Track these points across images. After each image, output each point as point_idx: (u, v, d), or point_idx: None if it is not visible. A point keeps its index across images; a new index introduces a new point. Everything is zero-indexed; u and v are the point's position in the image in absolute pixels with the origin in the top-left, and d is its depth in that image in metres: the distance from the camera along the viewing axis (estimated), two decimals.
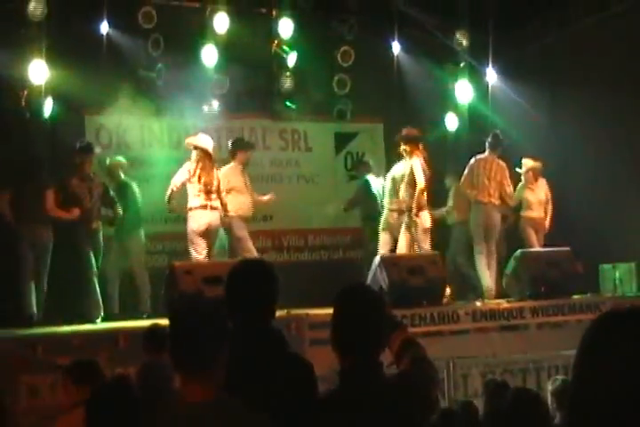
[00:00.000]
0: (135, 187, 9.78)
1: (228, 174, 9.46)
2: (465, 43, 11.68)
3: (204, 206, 8.71)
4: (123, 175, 9.81)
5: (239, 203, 9.49)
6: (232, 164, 9.68)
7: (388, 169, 12.16)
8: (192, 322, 2.58)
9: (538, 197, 10.59)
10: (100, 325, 8.20)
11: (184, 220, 8.96)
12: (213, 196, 8.77)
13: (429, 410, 3.10)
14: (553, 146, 11.14)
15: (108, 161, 9.86)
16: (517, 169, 10.57)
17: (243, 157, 9.74)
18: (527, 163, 10.65)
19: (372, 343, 2.89)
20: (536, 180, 10.66)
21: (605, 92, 10.81)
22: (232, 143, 9.87)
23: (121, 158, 9.92)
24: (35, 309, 8.30)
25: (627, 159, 10.69)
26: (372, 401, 2.84)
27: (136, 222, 9.65)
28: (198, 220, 8.69)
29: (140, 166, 10.60)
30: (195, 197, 8.73)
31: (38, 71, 9.15)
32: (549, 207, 10.65)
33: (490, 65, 11.82)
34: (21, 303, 8.27)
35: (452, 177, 10.95)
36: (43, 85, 9.22)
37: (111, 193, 9.17)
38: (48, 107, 9.31)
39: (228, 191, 9.30)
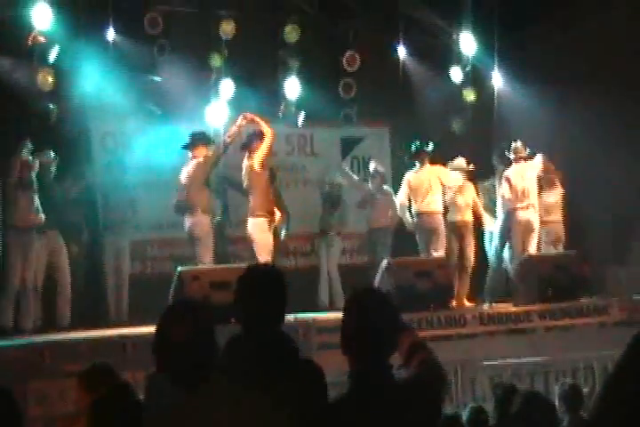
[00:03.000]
0: None
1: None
2: (470, 46, 11.68)
3: None
4: None
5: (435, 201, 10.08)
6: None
7: (394, 174, 12.21)
8: (184, 336, 2.55)
9: (465, 200, 10.50)
10: (108, 331, 8.20)
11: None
12: None
13: (439, 413, 3.10)
14: (561, 147, 11.11)
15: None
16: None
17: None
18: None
19: (381, 346, 2.91)
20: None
21: (613, 92, 10.79)
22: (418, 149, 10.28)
23: None
24: None
25: (635, 158, 10.66)
26: (383, 403, 2.85)
27: None
28: None
29: (145, 172, 10.63)
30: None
31: (45, 77, 9.16)
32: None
33: (495, 67, 11.81)
34: None
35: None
36: (49, 91, 9.25)
37: None
38: (54, 113, 9.33)
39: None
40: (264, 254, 8.80)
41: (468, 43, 11.60)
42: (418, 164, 10.29)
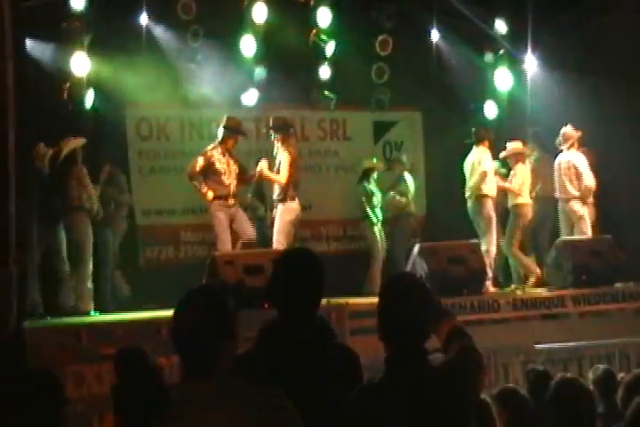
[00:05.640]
0: None
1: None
2: (504, 30, 11.59)
3: None
4: None
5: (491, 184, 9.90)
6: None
7: (426, 159, 12.18)
8: (189, 322, 2.55)
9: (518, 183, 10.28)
10: (143, 314, 8.28)
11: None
12: None
13: (474, 400, 3.11)
14: (596, 135, 10.99)
15: None
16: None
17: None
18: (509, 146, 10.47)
19: (416, 331, 2.93)
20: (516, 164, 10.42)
21: None
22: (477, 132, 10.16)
23: None
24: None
25: None
26: (416, 388, 2.87)
27: None
28: None
29: (179, 158, 10.69)
30: None
31: (80, 63, 9.22)
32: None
33: (529, 52, 11.70)
34: None
35: None
36: (85, 77, 9.31)
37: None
38: (90, 99, 9.40)
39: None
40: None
41: (501, 27, 11.51)
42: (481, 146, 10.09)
